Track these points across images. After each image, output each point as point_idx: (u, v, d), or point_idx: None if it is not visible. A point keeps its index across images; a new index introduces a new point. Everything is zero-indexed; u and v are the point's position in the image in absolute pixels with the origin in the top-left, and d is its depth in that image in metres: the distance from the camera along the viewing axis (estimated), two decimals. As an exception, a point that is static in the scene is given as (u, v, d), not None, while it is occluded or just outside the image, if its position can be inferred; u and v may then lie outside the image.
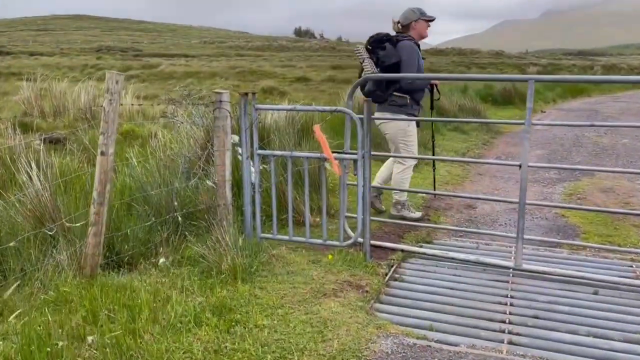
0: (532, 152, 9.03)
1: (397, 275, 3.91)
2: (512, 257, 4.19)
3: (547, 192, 6.28)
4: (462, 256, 4.11)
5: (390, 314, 3.33)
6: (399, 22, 5.14)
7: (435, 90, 5.52)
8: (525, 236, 3.99)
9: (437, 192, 5.36)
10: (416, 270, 4.04)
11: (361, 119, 3.86)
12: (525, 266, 3.89)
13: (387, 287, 3.71)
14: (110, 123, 3.06)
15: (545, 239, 4.41)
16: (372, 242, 4.30)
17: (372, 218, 4.32)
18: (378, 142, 8.10)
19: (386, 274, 3.90)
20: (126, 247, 3.72)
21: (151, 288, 3.21)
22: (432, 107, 5.76)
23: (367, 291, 3.54)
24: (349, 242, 4.09)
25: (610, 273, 3.95)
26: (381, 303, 3.50)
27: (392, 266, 4.05)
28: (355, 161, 3.93)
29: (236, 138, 4.40)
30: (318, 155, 3.99)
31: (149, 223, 3.90)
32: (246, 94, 4.07)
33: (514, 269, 3.93)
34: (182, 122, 4.78)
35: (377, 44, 4.95)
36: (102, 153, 3.10)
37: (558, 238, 4.79)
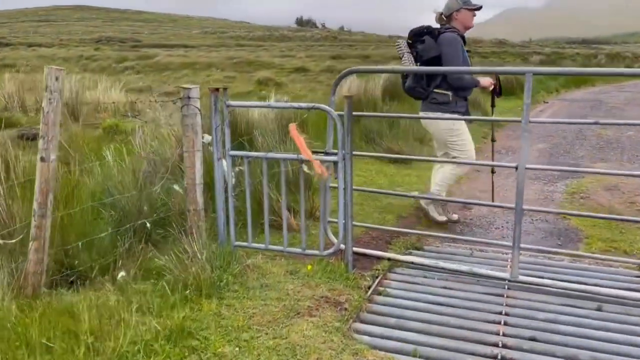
0: (533, 145, 8.66)
1: (381, 288, 3.56)
2: (508, 267, 3.84)
3: (548, 191, 5.92)
4: (453, 266, 3.76)
5: (370, 335, 2.99)
6: (442, 13, 4.74)
7: (498, 86, 4.90)
8: (522, 244, 3.65)
9: (421, 195, 4.99)
10: (403, 281, 3.70)
11: (341, 117, 3.50)
12: (521, 278, 3.54)
13: (369, 303, 3.37)
14: (50, 125, 2.71)
15: (544, 248, 4.05)
16: (356, 249, 3.97)
17: (355, 224, 3.98)
18: (371, 137, 7.78)
19: (369, 287, 3.56)
20: (80, 259, 3.38)
21: (101, 309, 2.87)
22: (492, 105, 5.17)
23: (345, 309, 3.20)
24: (330, 251, 3.74)
25: (615, 285, 3.60)
26: (361, 322, 3.15)
27: (376, 277, 3.71)
28: (335, 163, 3.58)
29: (209, 137, 4.06)
30: (295, 156, 3.64)
31: (104, 234, 3.55)
32: (216, 89, 3.71)
33: (509, 281, 3.58)
34: (145, 121, 4.43)
35: (416, 37, 4.61)
36: (42, 159, 2.75)
37: (559, 242, 4.44)
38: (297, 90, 15.65)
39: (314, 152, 4.04)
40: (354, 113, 3.60)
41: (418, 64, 4.59)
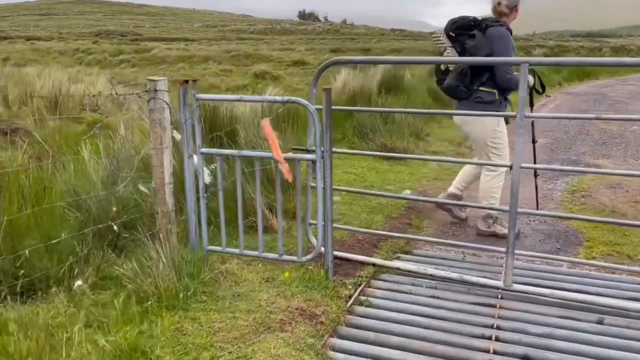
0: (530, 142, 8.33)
1: (363, 298, 3.28)
2: (502, 273, 3.55)
3: (547, 189, 5.61)
4: (442, 273, 3.47)
5: (347, 353, 2.71)
6: (500, 3, 4.14)
7: (538, 81, 4.44)
8: (517, 251, 3.37)
9: (414, 197, 4.70)
10: (388, 290, 3.41)
11: (319, 111, 3.21)
12: (516, 286, 3.25)
13: (349, 315, 3.08)
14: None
15: (540, 254, 3.75)
16: (338, 253, 3.69)
17: (336, 226, 3.70)
18: (365, 132, 7.47)
19: (350, 296, 3.28)
20: (36, 267, 3.10)
21: (47, 325, 2.60)
22: (531, 104, 4.63)
23: (321, 322, 2.92)
24: (308, 257, 3.46)
25: (618, 294, 3.31)
26: (338, 337, 2.87)
27: (359, 285, 3.43)
28: (313, 162, 3.29)
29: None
30: (270, 155, 3.35)
31: (56, 240, 3.26)
32: (186, 81, 3.43)
33: (503, 289, 3.30)
34: (106, 116, 4.15)
35: (462, 30, 4.09)
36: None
37: (558, 246, 4.15)
38: (294, 83, 15.35)
39: (294, 150, 3.77)
40: (334, 107, 3.31)
41: None
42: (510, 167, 3.23)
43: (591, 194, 5.45)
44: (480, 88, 4.14)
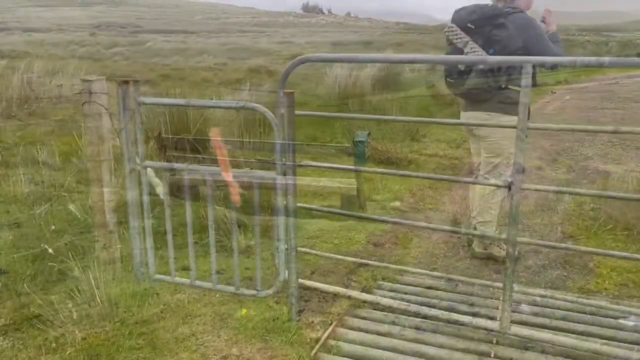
0: (534, 144, 7.79)
1: (332, 342, 2.74)
2: (500, 308, 3.02)
3: (551, 201, 5.08)
4: (427, 310, 2.94)
5: (302, 422, 2.19)
6: None
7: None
8: (516, 287, 2.84)
9: (394, 219, 4.16)
10: (363, 331, 2.88)
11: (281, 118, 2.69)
12: (514, 329, 2.72)
13: (312, 366, 2.56)
14: None
15: (542, 293, 3.21)
16: (308, 283, 3.18)
17: (301, 249, 3.18)
18: (354, 133, 6.93)
19: (317, 340, 2.75)
20: None
21: None
22: (534, 84, 4.11)
23: (276, 380, 2.40)
24: (269, 292, 2.93)
25: (637, 340, 2.78)
26: (295, 399, 2.35)
27: (329, 324, 2.90)
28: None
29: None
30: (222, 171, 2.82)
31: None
32: (126, 82, 2.90)
33: (498, 332, 2.77)
34: (27, 124, 3.64)
35: (486, 21, 3.50)
36: None
37: (564, 273, 3.62)
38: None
39: (258, 161, 3.26)
40: (298, 112, 2.78)
41: (491, 53, 3.47)
42: (509, 187, 2.69)
43: (601, 207, 4.90)
44: (510, 87, 3.54)
